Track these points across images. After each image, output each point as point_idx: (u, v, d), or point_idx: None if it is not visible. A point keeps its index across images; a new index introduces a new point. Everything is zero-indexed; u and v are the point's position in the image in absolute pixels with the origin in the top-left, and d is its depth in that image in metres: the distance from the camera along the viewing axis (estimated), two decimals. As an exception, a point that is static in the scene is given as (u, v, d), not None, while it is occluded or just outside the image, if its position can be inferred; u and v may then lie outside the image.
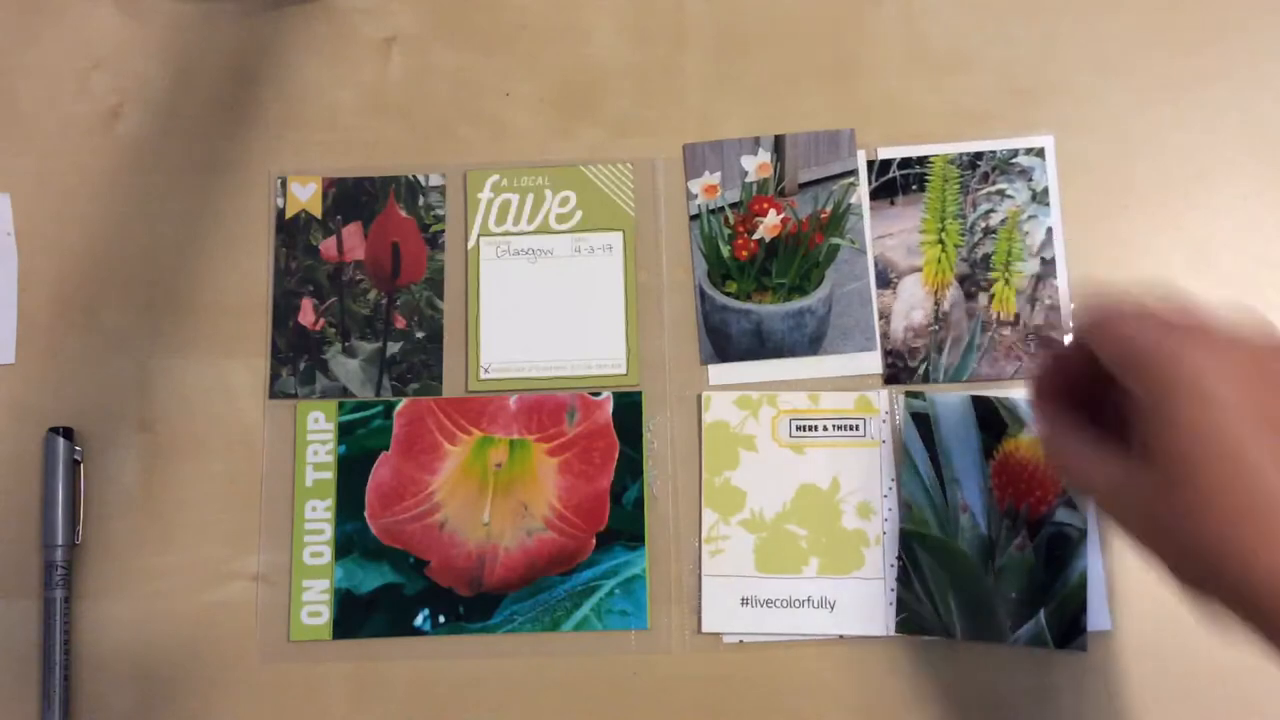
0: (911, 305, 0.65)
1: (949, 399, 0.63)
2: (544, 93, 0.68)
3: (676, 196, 0.66)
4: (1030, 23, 0.67)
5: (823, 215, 0.66)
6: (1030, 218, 0.65)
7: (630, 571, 0.62)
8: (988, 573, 0.61)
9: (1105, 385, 0.43)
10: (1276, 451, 0.37)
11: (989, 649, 0.61)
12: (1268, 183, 0.65)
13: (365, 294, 0.66)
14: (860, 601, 0.61)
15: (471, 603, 0.62)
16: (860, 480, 0.62)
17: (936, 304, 0.64)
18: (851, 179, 0.66)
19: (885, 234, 0.65)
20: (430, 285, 0.66)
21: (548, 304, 0.65)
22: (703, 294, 0.65)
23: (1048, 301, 0.64)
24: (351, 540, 0.63)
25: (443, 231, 0.66)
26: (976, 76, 0.67)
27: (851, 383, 0.64)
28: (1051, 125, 0.66)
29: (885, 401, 0.63)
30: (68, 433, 0.63)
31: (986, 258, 0.65)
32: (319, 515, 0.63)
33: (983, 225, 0.65)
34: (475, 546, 0.63)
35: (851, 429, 0.63)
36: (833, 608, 0.61)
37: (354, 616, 0.62)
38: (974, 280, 0.65)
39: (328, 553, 0.63)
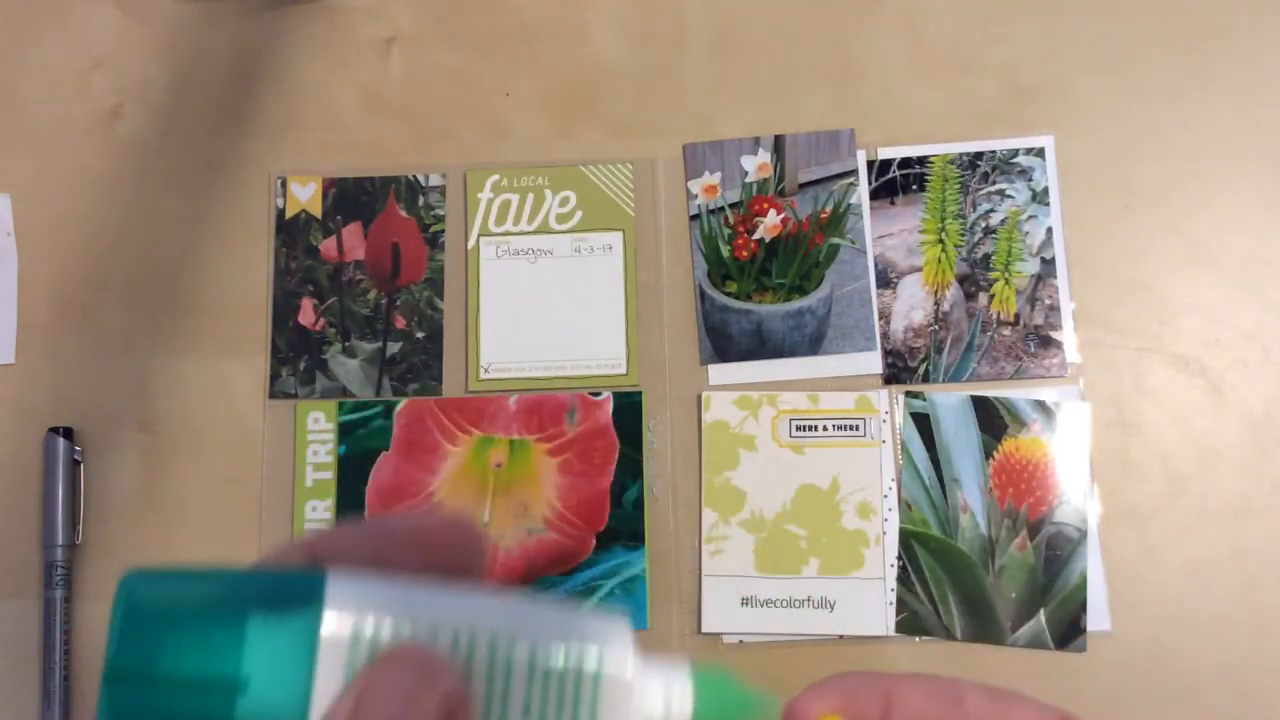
0: (911, 305, 0.65)
1: (949, 399, 0.63)
2: (544, 93, 0.68)
3: (676, 196, 0.66)
4: (1030, 23, 0.67)
5: (823, 215, 0.66)
6: (1030, 218, 0.65)
7: (630, 571, 0.62)
8: (988, 573, 0.61)
9: None
10: None
11: (989, 649, 0.61)
12: (1267, 183, 0.65)
13: (365, 294, 0.66)
14: (860, 601, 0.61)
15: (471, 603, 0.62)
16: (860, 480, 0.62)
17: (936, 304, 0.64)
18: (851, 179, 0.66)
19: (885, 234, 0.65)
20: (430, 285, 0.66)
21: (548, 304, 0.65)
22: (703, 294, 0.65)
23: (1048, 301, 0.64)
24: (351, 540, 0.63)
25: (443, 231, 0.66)
26: (976, 76, 0.67)
27: (851, 383, 0.64)
28: (1051, 125, 0.66)
29: (885, 401, 0.63)
30: (68, 433, 0.63)
31: (986, 258, 0.65)
32: (319, 515, 0.63)
33: (983, 225, 0.65)
34: (475, 546, 0.63)
35: (851, 429, 0.63)
36: (833, 608, 0.61)
37: (354, 616, 0.62)
38: (974, 280, 0.65)
39: (328, 553, 0.63)
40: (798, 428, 0.63)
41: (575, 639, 0.23)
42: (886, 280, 0.65)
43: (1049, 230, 0.65)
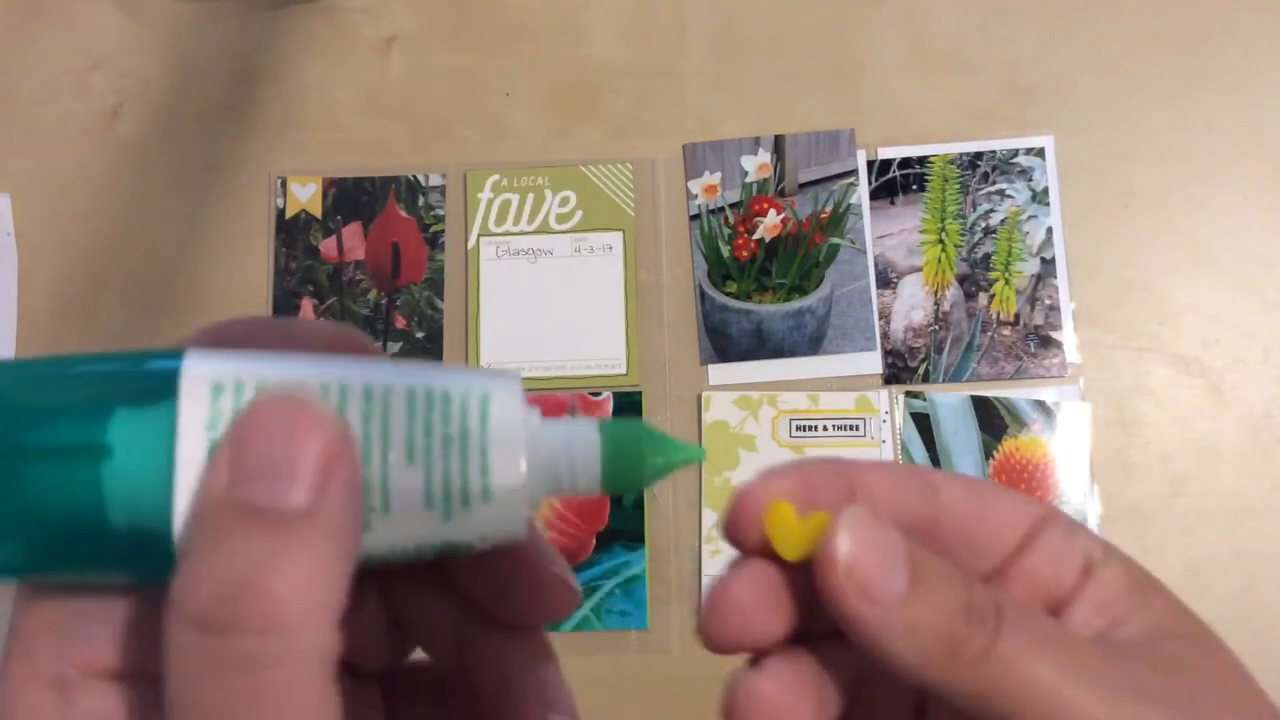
0: (911, 305, 0.65)
1: (949, 399, 0.63)
2: (544, 93, 0.68)
3: (676, 196, 0.66)
4: (1030, 23, 0.67)
5: (823, 215, 0.66)
6: (1030, 218, 0.65)
7: (630, 571, 0.62)
8: (988, 573, 0.61)
9: None
10: None
11: (989, 649, 0.61)
12: (1267, 183, 0.65)
13: (365, 294, 0.66)
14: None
15: (471, 603, 0.62)
16: (860, 480, 0.62)
17: (936, 304, 0.64)
18: (851, 179, 0.66)
19: (885, 234, 0.65)
20: (430, 285, 0.66)
21: (548, 304, 0.65)
22: (703, 294, 0.65)
23: (1048, 301, 0.64)
24: (351, 540, 0.63)
25: (443, 231, 0.66)
26: (976, 76, 0.67)
27: (851, 383, 0.64)
28: (1051, 125, 0.66)
29: (885, 401, 0.63)
30: (68, 433, 0.63)
31: (986, 258, 0.65)
32: (319, 515, 0.63)
33: (983, 225, 0.65)
34: (475, 546, 0.63)
35: (851, 429, 0.63)
36: (833, 608, 0.61)
37: (354, 616, 0.62)
38: (974, 280, 0.65)
39: (328, 553, 0.63)
40: (798, 428, 0.63)
41: (458, 386, 0.22)
42: (886, 280, 0.65)
43: (1049, 230, 0.65)
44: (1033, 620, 0.22)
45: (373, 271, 0.66)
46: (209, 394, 0.21)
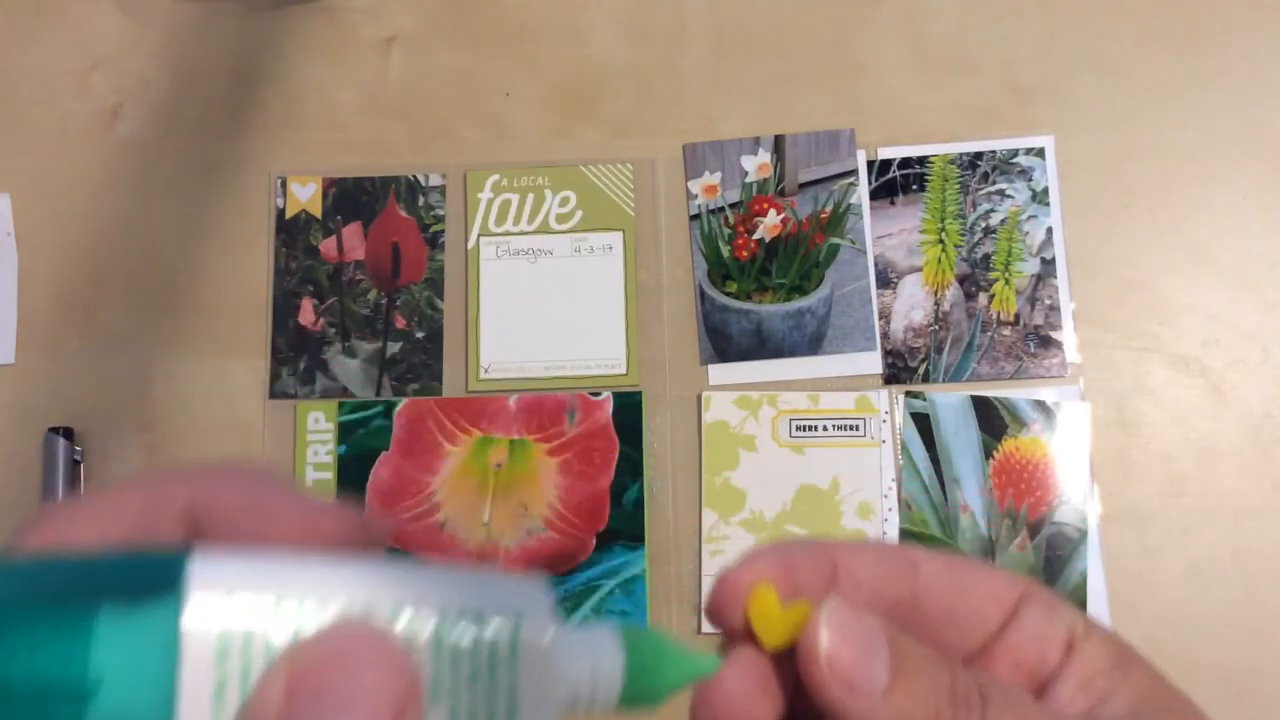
0: (911, 305, 0.65)
1: (949, 399, 0.63)
2: (544, 93, 0.68)
3: (676, 196, 0.66)
4: (1030, 23, 0.67)
5: (823, 215, 0.66)
6: (1030, 218, 0.65)
7: (630, 571, 0.62)
8: (988, 573, 0.61)
9: None
10: None
11: (989, 649, 0.61)
12: (1268, 183, 0.65)
13: (365, 294, 0.66)
14: (860, 601, 0.61)
15: (471, 603, 0.62)
16: (860, 480, 0.62)
17: (936, 304, 0.64)
18: (851, 179, 0.66)
19: (885, 234, 0.65)
20: (430, 285, 0.66)
21: (548, 304, 0.65)
22: (703, 294, 0.65)
23: (1048, 301, 0.64)
24: (351, 540, 0.63)
25: (443, 231, 0.66)
26: (976, 76, 0.67)
27: (851, 383, 0.64)
28: (1051, 125, 0.66)
29: (885, 401, 0.63)
30: (68, 433, 0.63)
31: (986, 258, 0.65)
32: (319, 515, 0.63)
33: (983, 225, 0.65)
34: (475, 546, 0.63)
35: (851, 429, 0.63)
36: (833, 608, 0.61)
37: (354, 616, 0.62)
38: (974, 280, 0.65)
39: (328, 553, 0.63)
40: (798, 428, 0.63)
41: (488, 607, 0.21)
42: (886, 280, 0.65)
43: (1049, 230, 0.65)
44: (1017, 702, 0.23)
45: (373, 271, 0.66)
46: (216, 628, 0.18)
